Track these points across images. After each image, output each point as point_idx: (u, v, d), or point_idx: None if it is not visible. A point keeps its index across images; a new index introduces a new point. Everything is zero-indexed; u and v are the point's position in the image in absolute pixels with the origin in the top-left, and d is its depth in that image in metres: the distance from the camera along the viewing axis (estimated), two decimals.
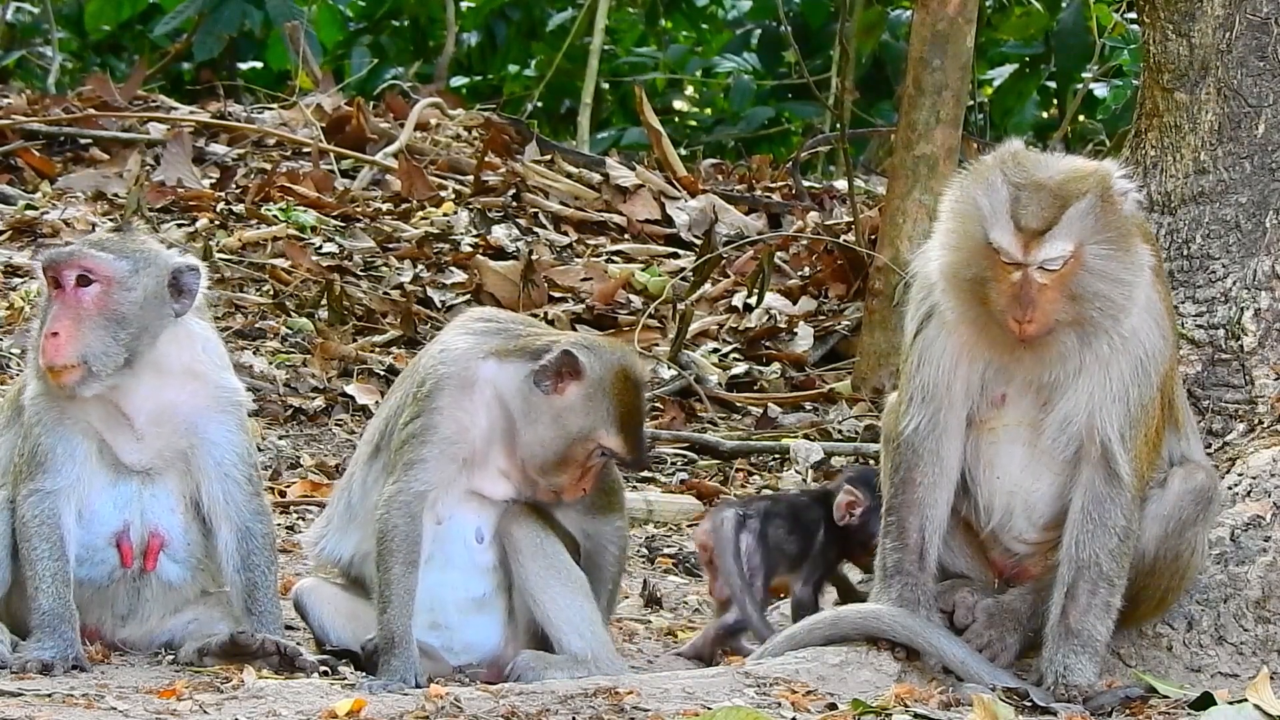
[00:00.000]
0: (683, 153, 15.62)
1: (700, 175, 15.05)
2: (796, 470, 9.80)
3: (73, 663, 6.20)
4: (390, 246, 12.44)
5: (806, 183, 15.11)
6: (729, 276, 12.56)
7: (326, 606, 6.59)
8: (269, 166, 13.72)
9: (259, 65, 19.67)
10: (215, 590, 6.61)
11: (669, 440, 10.18)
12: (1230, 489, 6.50)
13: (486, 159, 13.86)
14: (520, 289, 11.65)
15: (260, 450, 8.97)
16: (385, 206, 13.20)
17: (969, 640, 6.18)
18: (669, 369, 11.02)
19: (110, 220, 11.92)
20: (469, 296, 11.66)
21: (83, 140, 13.85)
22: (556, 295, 11.93)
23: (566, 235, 13.15)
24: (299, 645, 6.33)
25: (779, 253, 12.73)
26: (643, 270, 12.46)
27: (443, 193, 13.47)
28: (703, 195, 13.87)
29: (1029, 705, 5.93)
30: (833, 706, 5.77)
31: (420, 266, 12.12)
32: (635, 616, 7.53)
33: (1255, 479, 6.52)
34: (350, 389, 10.35)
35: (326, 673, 6.21)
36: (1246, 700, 5.69)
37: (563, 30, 19.00)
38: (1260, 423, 6.68)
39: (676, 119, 20.21)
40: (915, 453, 6.23)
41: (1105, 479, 6.11)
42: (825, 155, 17.62)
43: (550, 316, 11.26)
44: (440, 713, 5.55)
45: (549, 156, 14.31)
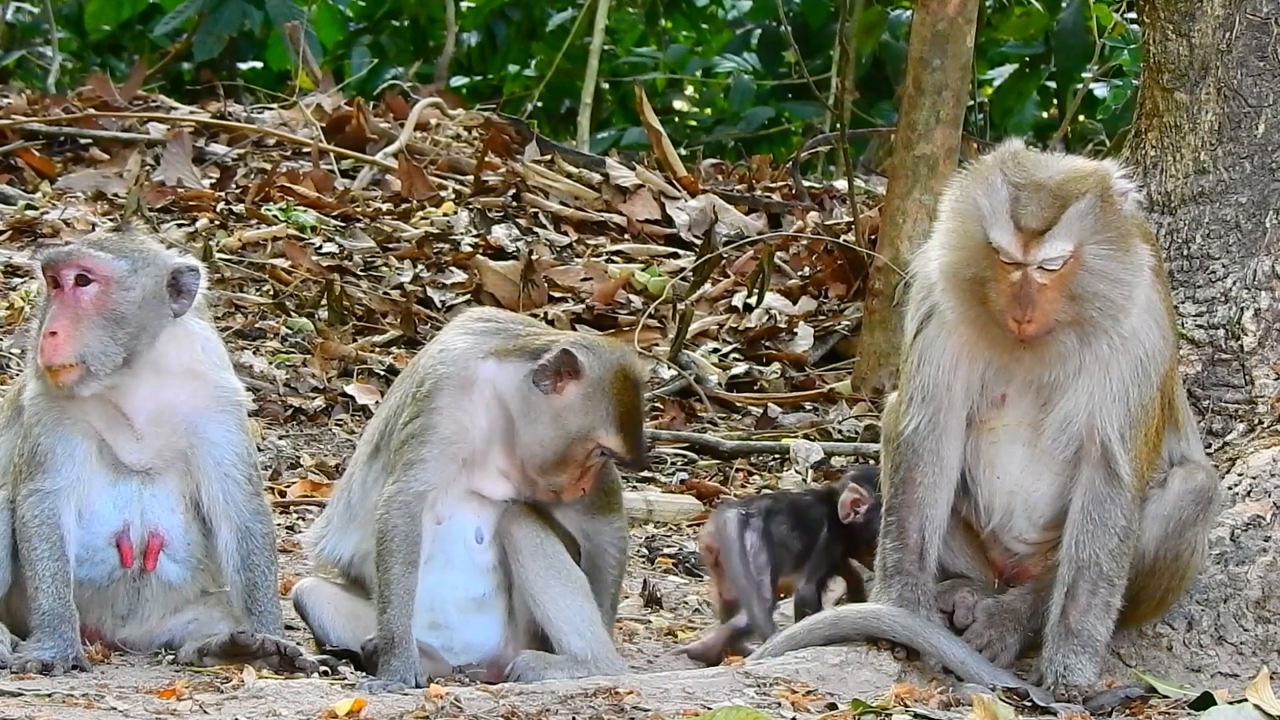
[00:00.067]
0: (683, 153, 15.61)
1: (700, 175, 15.04)
2: (796, 470, 9.80)
3: (73, 663, 6.19)
4: (390, 246, 12.43)
5: (806, 183, 15.10)
6: (729, 276, 12.55)
7: (326, 606, 6.58)
8: (269, 166, 13.71)
9: (259, 65, 19.66)
10: (215, 590, 6.61)
11: (669, 440, 10.17)
12: (1230, 489, 6.50)
13: (486, 159, 13.85)
14: (520, 289, 11.65)
15: (260, 450, 8.96)
16: (385, 206, 13.19)
17: (969, 640, 6.18)
18: (669, 369, 11.02)
19: (110, 220, 11.90)
20: (469, 296, 11.65)
21: (83, 140, 13.84)
22: (556, 295, 11.93)
23: (566, 235, 13.14)
24: (299, 645, 6.33)
25: (779, 253, 12.72)
26: (643, 270, 12.45)
27: (443, 193, 13.46)
28: (703, 195, 13.86)
29: (1029, 705, 5.92)
30: (833, 706, 5.77)
31: (420, 266, 12.12)
32: (635, 616, 7.52)
33: (1255, 479, 6.51)
34: (350, 389, 10.35)
35: (326, 673, 6.21)
36: (1246, 700, 5.69)
37: (563, 30, 18.99)
38: (1260, 423, 6.68)
39: (676, 119, 20.20)
40: (915, 453, 6.23)
41: (1105, 479, 6.11)
42: (825, 155, 17.61)
43: (550, 316, 11.25)
44: (440, 713, 5.55)
45: (549, 156, 14.30)
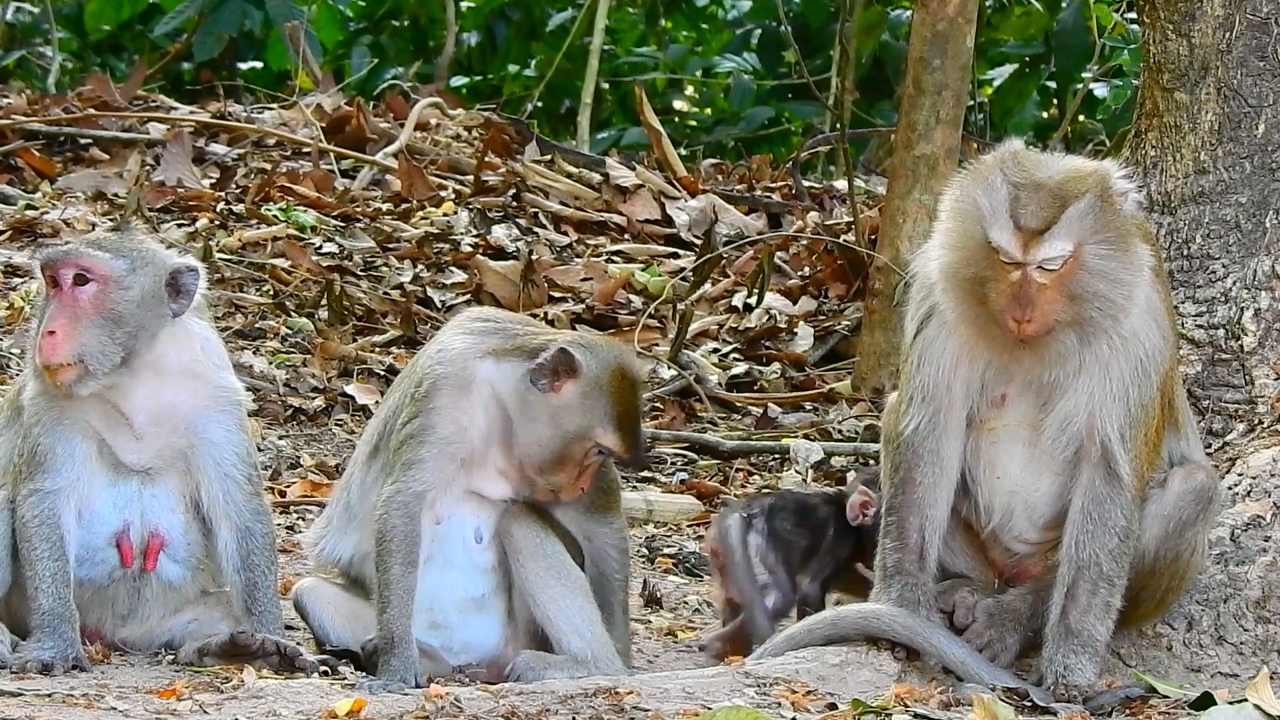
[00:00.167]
0: (683, 153, 15.61)
1: (700, 175, 15.03)
2: (796, 470, 9.79)
3: (73, 663, 6.19)
4: (390, 246, 12.43)
5: (806, 183, 15.10)
6: (729, 276, 12.55)
7: (326, 606, 6.58)
8: (269, 166, 13.71)
9: (259, 65, 19.65)
10: (215, 590, 6.61)
11: (669, 440, 10.17)
12: (1230, 489, 6.50)
13: (486, 159, 13.85)
14: (520, 289, 11.65)
15: (260, 450, 8.96)
16: (385, 206, 13.19)
17: (969, 640, 6.18)
18: (669, 369, 11.01)
19: (110, 220, 11.90)
20: (469, 296, 11.65)
21: (83, 140, 13.84)
22: (556, 295, 11.93)
23: (566, 235, 13.14)
24: (299, 645, 6.33)
25: (779, 253, 12.72)
26: (643, 270, 12.45)
27: (443, 193, 13.46)
28: (703, 195, 13.86)
29: (1029, 705, 5.92)
30: (833, 706, 5.77)
31: (420, 266, 12.11)
32: (635, 616, 7.51)
33: (1255, 479, 6.51)
34: (350, 389, 10.35)
35: (326, 673, 6.21)
36: (1246, 700, 5.69)
37: (563, 30, 18.99)
38: (1260, 423, 6.68)
39: (676, 119, 20.19)
40: (915, 453, 6.23)
41: (1105, 479, 6.11)
42: (825, 155, 17.61)
43: (550, 316, 11.25)
44: (440, 713, 5.55)
45: (549, 156, 14.30)
